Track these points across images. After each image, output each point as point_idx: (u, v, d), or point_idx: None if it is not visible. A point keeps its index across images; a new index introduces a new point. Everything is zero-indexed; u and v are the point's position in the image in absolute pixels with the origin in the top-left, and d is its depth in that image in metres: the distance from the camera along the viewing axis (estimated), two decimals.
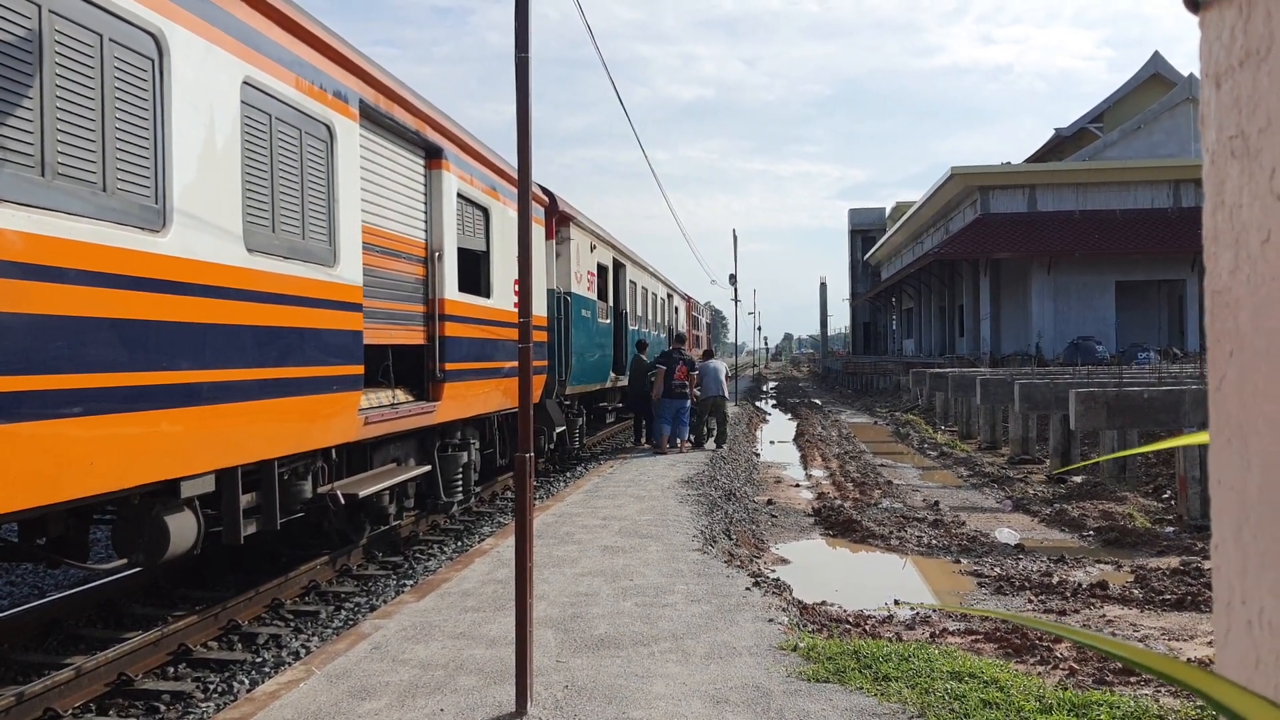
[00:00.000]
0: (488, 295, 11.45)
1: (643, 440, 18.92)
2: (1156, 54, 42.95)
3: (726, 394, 18.94)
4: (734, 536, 10.16)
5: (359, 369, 7.87)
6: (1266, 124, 0.74)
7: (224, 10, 6.11)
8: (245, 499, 6.72)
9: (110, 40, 5.09)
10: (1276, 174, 0.73)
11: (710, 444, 18.11)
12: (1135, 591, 8.64)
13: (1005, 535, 11.40)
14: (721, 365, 18.85)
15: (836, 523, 12.02)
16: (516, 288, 5.17)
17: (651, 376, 17.48)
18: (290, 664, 6.29)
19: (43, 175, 4.62)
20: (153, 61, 5.44)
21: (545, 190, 15.21)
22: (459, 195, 10.44)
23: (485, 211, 11.48)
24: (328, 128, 7.51)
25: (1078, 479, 15.30)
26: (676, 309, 34.26)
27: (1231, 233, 0.79)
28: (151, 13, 5.37)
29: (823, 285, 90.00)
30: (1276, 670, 0.74)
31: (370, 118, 8.47)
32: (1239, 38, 0.78)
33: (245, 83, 6.38)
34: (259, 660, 6.64)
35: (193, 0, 5.77)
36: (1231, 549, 0.80)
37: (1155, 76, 42.17)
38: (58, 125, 4.73)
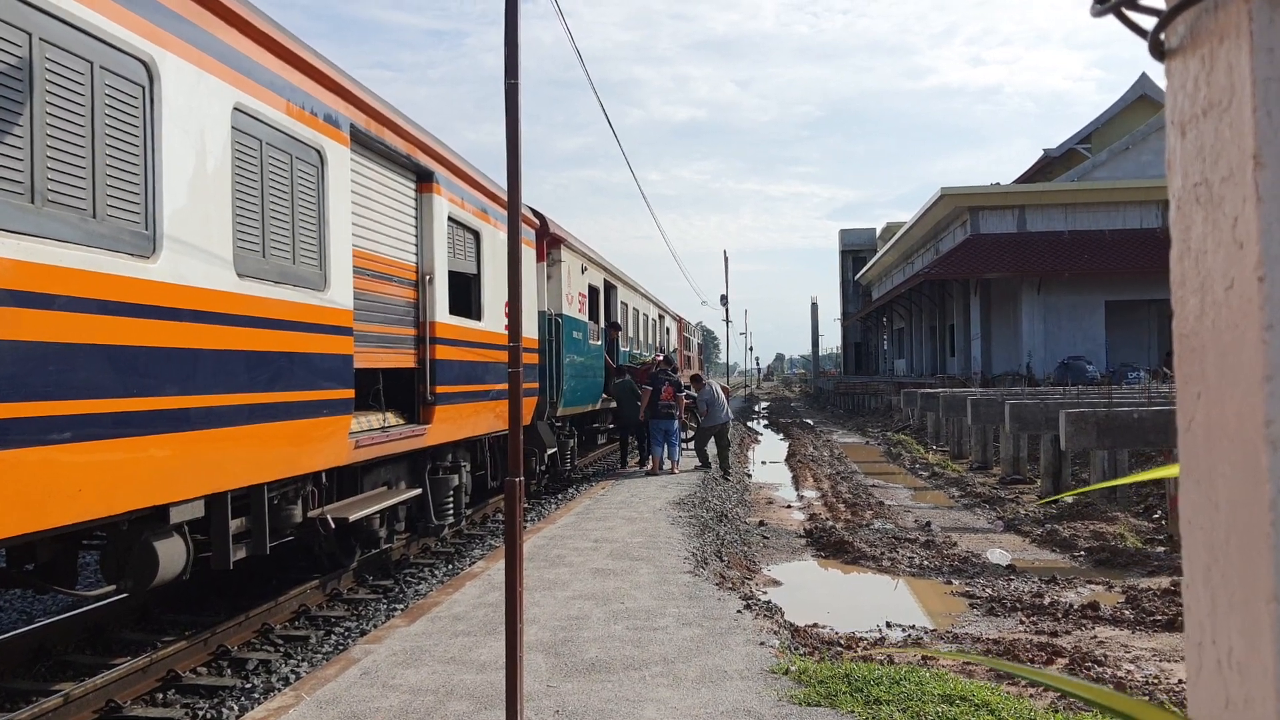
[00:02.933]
0: (479, 318, 11.46)
1: (631, 462, 18.90)
2: (1144, 75, 43.28)
3: (731, 417, 18.91)
4: (726, 558, 10.15)
5: (349, 393, 7.87)
6: (1229, 174, 0.76)
7: (215, 37, 6.14)
8: (235, 524, 6.70)
9: (101, 67, 5.11)
10: (1239, 223, 0.74)
11: (715, 467, 17.93)
12: (1126, 612, 8.64)
13: (997, 556, 11.41)
14: (718, 385, 18.90)
15: (828, 544, 12.01)
16: (508, 310, 5.17)
17: (638, 402, 17.61)
18: (280, 690, 6.26)
19: (33, 202, 4.63)
20: (143, 88, 5.46)
21: (536, 212, 15.25)
22: (450, 218, 10.47)
23: (476, 234, 11.51)
24: (318, 152, 7.54)
25: (1068, 499, 15.32)
26: (668, 329, 34.29)
27: (1197, 278, 0.81)
28: (142, 40, 5.40)
29: (814, 305, 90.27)
30: (1245, 711, 0.75)
31: (361, 142, 8.50)
32: (1202, 88, 0.80)
33: (236, 108, 6.40)
34: (248, 686, 6.60)
35: (183, 27, 5.79)
36: (1201, 589, 0.82)
37: (1143, 98, 42.47)
38: (48, 152, 4.74)
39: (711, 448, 18.25)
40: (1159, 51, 0.87)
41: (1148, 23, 0.87)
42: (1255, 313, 0.73)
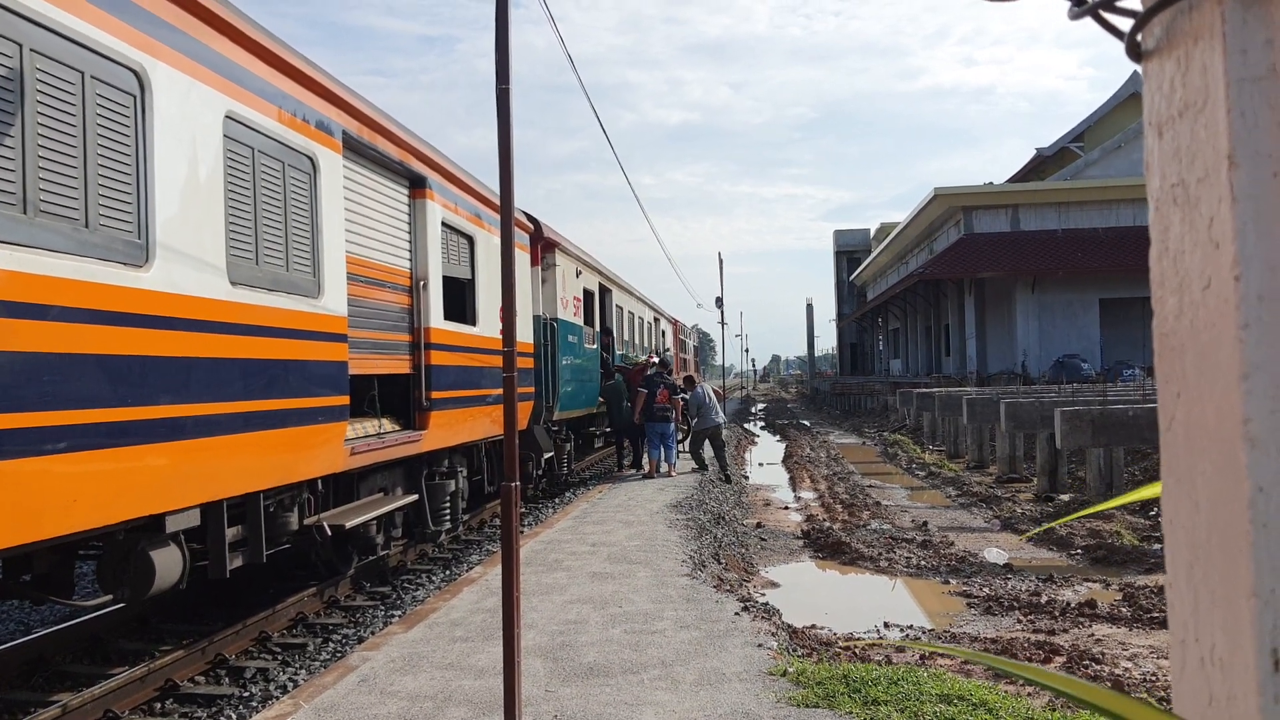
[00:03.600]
0: (474, 323, 11.46)
1: (626, 465, 18.87)
2: (1135, 73, 43.31)
3: (724, 420, 18.93)
4: (723, 561, 10.14)
5: (344, 399, 7.86)
6: (1204, 175, 0.76)
7: (206, 46, 6.13)
8: (231, 532, 6.69)
9: (92, 77, 5.11)
10: (1215, 223, 0.75)
11: (711, 470, 17.92)
12: (1124, 610, 8.65)
13: (993, 555, 11.42)
14: (709, 388, 18.90)
15: (825, 545, 12.02)
16: (503, 315, 5.20)
17: (628, 404, 17.65)
18: (278, 698, 6.25)
19: (25, 213, 4.62)
20: (135, 97, 5.46)
21: (530, 217, 15.25)
22: (443, 224, 10.46)
23: (470, 239, 11.51)
24: (311, 159, 7.53)
25: (1064, 497, 15.34)
26: (664, 332, 34.29)
27: (1175, 278, 0.82)
28: (133, 49, 5.40)
29: (809, 306, 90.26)
30: (1228, 708, 0.75)
31: (354, 148, 8.50)
32: (1178, 89, 0.81)
33: (228, 116, 6.40)
34: (246, 695, 6.59)
35: (175, 36, 5.79)
36: (1184, 587, 0.82)
37: (1135, 96, 42.54)
38: (39, 163, 4.73)
39: (708, 450, 18.23)
40: (1136, 53, 0.87)
41: (1125, 24, 0.87)
42: (1232, 312, 0.73)
